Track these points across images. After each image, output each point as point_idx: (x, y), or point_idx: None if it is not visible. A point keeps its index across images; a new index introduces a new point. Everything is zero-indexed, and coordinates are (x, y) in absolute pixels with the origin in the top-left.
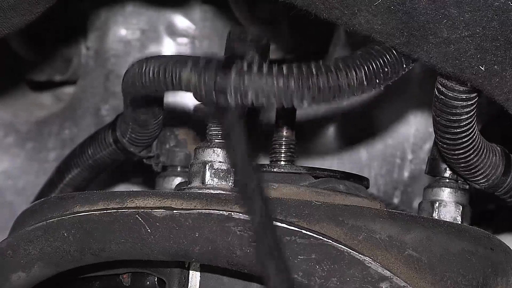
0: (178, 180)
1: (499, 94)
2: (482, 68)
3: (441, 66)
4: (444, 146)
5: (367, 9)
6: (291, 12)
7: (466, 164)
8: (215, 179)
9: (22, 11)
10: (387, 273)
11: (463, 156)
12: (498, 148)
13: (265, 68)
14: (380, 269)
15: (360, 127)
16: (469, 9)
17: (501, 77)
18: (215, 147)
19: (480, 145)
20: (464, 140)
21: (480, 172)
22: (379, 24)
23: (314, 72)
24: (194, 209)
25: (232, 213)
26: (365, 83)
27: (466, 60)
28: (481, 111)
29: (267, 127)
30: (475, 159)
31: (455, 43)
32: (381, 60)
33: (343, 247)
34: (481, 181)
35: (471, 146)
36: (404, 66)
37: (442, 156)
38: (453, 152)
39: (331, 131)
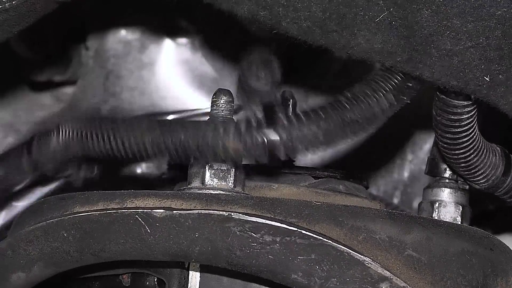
0: None
1: (505, 104)
2: (487, 79)
3: (445, 80)
4: (444, 145)
5: (367, 28)
6: (286, 43)
7: (466, 164)
8: (215, 179)
9: (2, 31)
10: (387, 273)
11: (463, 156)
12: (498, 148)
13: (302, 115)
14: (380, 270)
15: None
16: (472, 19)
17: (506, 86)
18: None
19: (480, 145)
20: (464, 139)
21: (480, 172)
22: (379, 43)
23: (348, 107)
24: (194, 209)
25: (232, 214)
26: (395, 103)
27: (470, 72)
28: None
29: None
30: (475, 159)
31: (459, 55)
32: (402, 74)
33: (343, 247)
34: (481, 181)
35: (472, 146)
36: None
37: (442, 156)
38: (453, 152)
39: None
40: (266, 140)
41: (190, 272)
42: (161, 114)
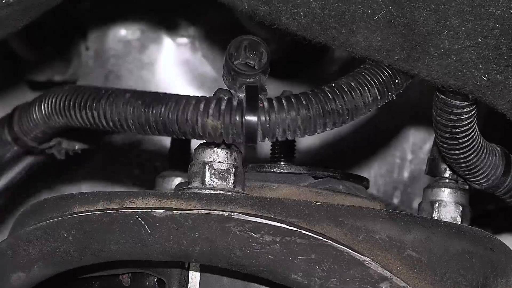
0: (178, 180)
1: (502, 103)
2: (485, 78)
3: (443, 79)
4: (444, 146)
5: (365, 26)
6: (286, 38)
7: (466, 164)
8: (215, 179)
9: (6, 27)
10: (387, 273)
11: (463, 156)
12: (498, 148)
13: (284, 101)
14: (380, 270)
15: (360, 127)
16: (471, 18)
17: (504, 86)
18: (214, 147)
19: (480, 145)
20: (464, 140)
21: (480, 172)
22: (378, 41)
23: (331, 97)
24: (194, 209)
25: (232, 213)
26: (378, 97)
27: (468, 71)
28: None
29: None
30: (475, 159)
31: (457, 54)
32: (390, 71)
33: (343, 247)
34: (481, 181)
35: (471, 146)
36: None
37: (442, 156)
38: (453, 152)
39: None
40: (244, 120)
41: (190, 272)
42: None
